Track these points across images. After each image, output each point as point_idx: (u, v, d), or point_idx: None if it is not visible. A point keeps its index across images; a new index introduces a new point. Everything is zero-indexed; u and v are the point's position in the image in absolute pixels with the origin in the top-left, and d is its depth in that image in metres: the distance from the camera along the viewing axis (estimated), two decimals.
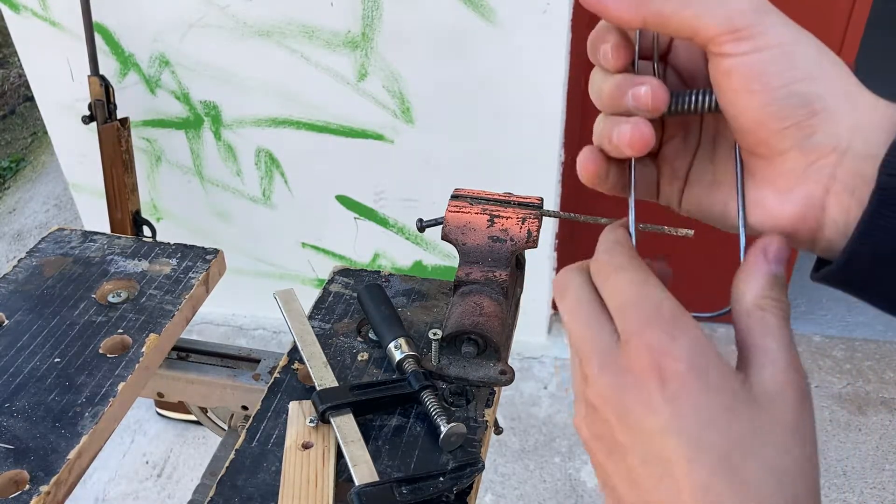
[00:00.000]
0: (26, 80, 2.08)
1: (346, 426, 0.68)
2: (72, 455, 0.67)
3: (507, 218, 0.75)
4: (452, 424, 0.68)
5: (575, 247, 2.14)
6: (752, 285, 0.38)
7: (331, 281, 0.89)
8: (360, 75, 1.81)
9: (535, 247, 0.75)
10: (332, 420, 0.69)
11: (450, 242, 0.76)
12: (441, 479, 0.66)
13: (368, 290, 0.82)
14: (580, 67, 1.83)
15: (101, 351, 0.78)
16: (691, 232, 0.73)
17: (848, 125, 0.37)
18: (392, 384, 0.73)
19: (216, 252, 0.92)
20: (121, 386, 0.73)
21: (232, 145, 2.00)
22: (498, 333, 0.72)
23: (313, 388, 0.73)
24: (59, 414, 0.71)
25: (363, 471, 0.64)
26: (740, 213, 0.41)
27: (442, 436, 0.68)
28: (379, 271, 0.91)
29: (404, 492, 0.63)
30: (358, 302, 0.83)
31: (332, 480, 0.65)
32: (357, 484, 0.63)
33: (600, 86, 0.42)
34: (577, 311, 0.40)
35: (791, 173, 0.39)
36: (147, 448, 2.01)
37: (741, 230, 0.41)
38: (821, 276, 0.40)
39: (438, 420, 0.69)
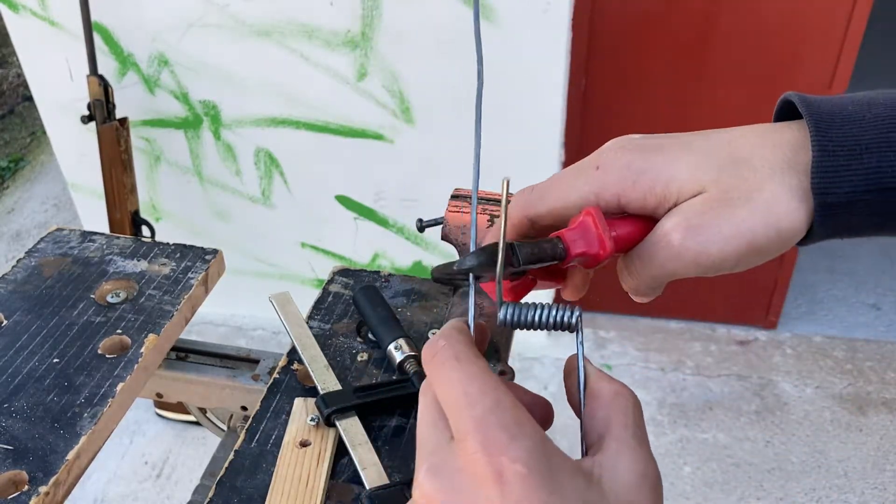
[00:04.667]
0: (25, 80, 2.07)
1: (352, 429, 0.68)
2: (70, 456, 0.66)
3: None
4: None
5: None
6: (602, 382, 0.37)
7: (330, 281, 0.89)
8: (359, 75, 1.80)
9: None
10: (337, 423, 0.68)
11: (450, 242, 0.75)
12: None
13: (364, 291, 0.81)
14: (580, 67, 1.82)
15: (99, 351, 0.77)
16: None
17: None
18: (395, 385, 0.73)
19: (215, 252, 0.92)
20: (120, 386, 0.73)
21: (231, 145, 2.00)
22: (498, 333, 0.72)
23: (313, 388, 0.73)
24: (58, 414, 0.70)
25: (372, 474, 0.64)
26: None
27: None
28: (378, 271, 0.90)
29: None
30: (354, 304, 0.83)
31: (325, 481, 0.65)
32: (368, 487, 0.63)
33: None
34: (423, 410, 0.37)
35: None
36: (146, 449, 2.01)
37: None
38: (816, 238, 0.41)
39: None
